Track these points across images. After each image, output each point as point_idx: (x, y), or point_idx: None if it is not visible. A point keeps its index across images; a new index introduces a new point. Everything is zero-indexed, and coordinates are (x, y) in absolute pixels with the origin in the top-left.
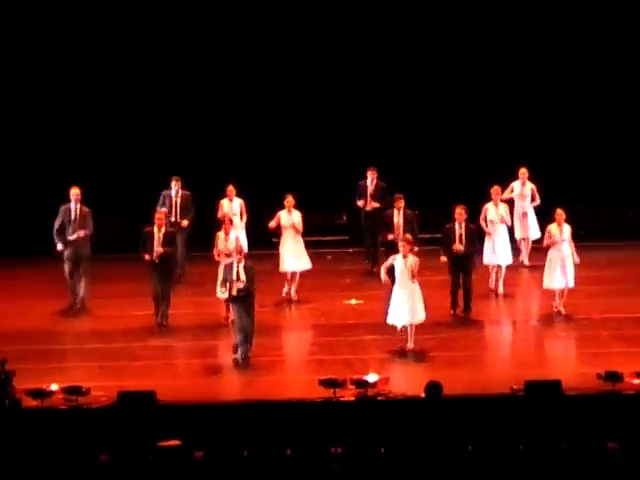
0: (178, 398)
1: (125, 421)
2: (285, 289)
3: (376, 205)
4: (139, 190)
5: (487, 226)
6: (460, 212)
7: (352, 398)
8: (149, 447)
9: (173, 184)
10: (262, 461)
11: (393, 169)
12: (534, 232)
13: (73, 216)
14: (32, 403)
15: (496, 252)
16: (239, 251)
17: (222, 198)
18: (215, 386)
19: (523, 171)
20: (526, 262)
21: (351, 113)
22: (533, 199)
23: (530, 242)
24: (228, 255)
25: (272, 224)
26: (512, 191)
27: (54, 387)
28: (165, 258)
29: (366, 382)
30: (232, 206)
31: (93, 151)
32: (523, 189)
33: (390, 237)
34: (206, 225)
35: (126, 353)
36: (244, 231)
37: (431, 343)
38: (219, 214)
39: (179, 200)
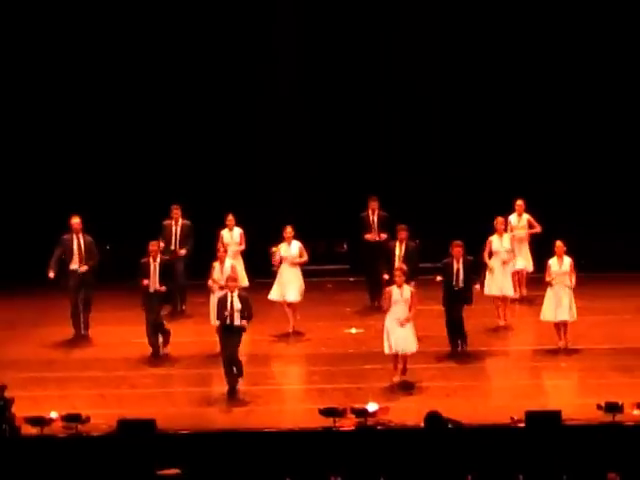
0: (178, 426)
1: (125, 449)
2: (291, 324)
3: (384, 236)
4: (138, 219)
5: (490, 258)
6: (459, 250)
7: (352, 427)
8: (148, 476)
9: (173, 212)
10: None
11: (393, 198)
12: (527, 264)
13: (76, 246)
14: (31, 431)
15: (500, 283)
16: (233, 279)
17: (222, 228)
18: (215, 415)
19: (519, 203)
20: (524, 293)
21: (352, 142)
22: (532, 228)
23: (525, 274)
24: (222, 287)
25: (276, 260)
26: (509, 225)
27: (54, 415)
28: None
29: (366, 411)
30: (232, 235)
31: (93, 180)
32: (519, 221)
33: (386, 277)
34: (206, 255)
35: (126, 381)
36: (242, 261)
37: (431, 373)
38: (219, 245)
39: (179, 229)
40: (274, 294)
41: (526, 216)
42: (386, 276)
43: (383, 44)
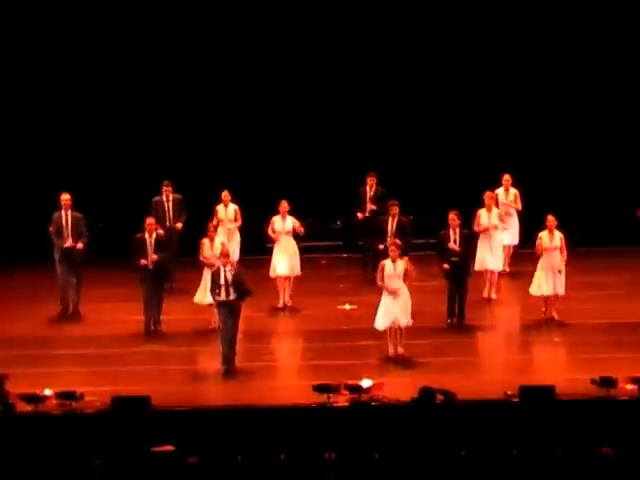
0: (172, 403)
1: (119, 426)
2: (281, 300)
3: (373, 207)
4: (130, 195)
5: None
6: (453, 217)
7: (346, 403)
8: (143, 452)
9: (164, 189)
10: (256, 466)
11: (388, 175)
12: (514, 238)
13: (64, 223)
14: (26, 408)
15: (489, 258)
16: (226, 255)
17: (217, 204)
18: (209, 391)
19: (507, 177)
20: (506, 269)
21: (347, 119)
22: (516, 204)
23: (511, 248)
24: (211, 264)
25: (273, 234)
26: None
27: (48, 392)
28: (159, 264)
29: (360, 387)
30: (227, 212)
31: (85, 157)
32: (507, 196)
33: (381, 247)
34: (199, 231)
35: (119, 358)
36: (238, 237)
37: (425, 348)
38: (214, 220)
39: (171, 204)
40: (281, 269)
41: (513, 190)
42: (381, 246)
43: (380, 23)
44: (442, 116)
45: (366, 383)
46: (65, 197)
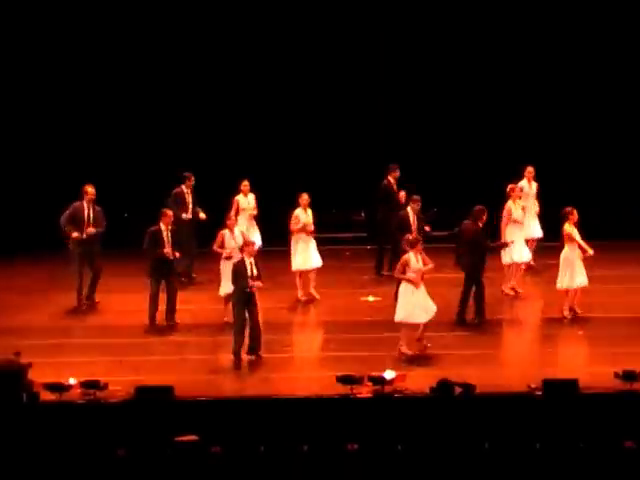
0: (195, 393)
1: (142, 416)
2: (299, 292)
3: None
4: (149, 186)
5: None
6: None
7: (369, 395)
8: (166, 442)
9: (185, 181)
10: (278, 457)
11: (411, 166)
12: (537, 231)
13: (86, 215)
14: (50, 397)
15: (523, 249)
16: (253, 243)
17: (236, 194)
18: (232, 382)
19: (530, 170)
20: (532, 262)
21: (369, 109)
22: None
23: (535, 241)
24: (229, 256)
25: (297, 227)
26: (521, 191)
27: (72, 381)
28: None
29: (383, 379)
30: (248, 201)
31: (103, 147)
32: (530, 187)
33: (409, 237)
34: (216, 222)
35: (143, 348)
36: (256, 225)
37: (447, 341)
38: (234, 210)
39: (192, 197)
40: (299, 264)
41: (534, 184)
42: (410, 236)
43: (397, 14)
44: (461, 108)
45: (389, 375)
46: (91, 190)
